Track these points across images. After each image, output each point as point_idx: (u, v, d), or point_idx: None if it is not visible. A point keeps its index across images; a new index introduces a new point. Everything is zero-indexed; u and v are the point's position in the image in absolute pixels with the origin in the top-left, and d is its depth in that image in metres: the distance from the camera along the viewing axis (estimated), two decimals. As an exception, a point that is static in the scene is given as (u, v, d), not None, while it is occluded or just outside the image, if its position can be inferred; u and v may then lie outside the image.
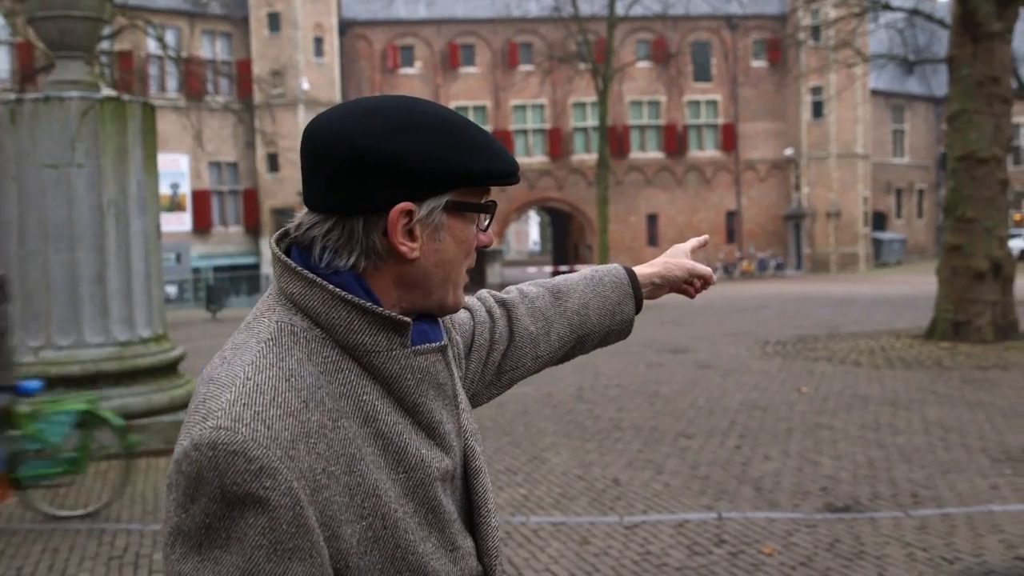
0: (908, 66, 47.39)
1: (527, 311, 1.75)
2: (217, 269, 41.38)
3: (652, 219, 50.34)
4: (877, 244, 52.95)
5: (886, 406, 10.86)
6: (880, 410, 10.64)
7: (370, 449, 1.26)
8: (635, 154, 49.83)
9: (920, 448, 8.78)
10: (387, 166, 1.25)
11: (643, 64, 48.40)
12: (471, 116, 48.49)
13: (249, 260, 45.66)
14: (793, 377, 13.28)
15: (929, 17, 22.88)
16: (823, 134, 49.73)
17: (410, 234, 1.28)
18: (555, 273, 52.45)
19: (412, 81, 48.12)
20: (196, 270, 40.56)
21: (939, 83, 55.06)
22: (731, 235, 51.41)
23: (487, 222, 1.38)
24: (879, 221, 55.58)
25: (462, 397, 1.45)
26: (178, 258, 35.68)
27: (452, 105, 48.19)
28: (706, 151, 50.70)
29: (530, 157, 49.15)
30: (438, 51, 48.33)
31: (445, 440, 1.35)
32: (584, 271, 1.86)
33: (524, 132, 49.28)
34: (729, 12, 46.75)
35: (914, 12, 23.95)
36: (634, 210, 49.89)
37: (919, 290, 29.68)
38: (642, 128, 50.00)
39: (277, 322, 1.29)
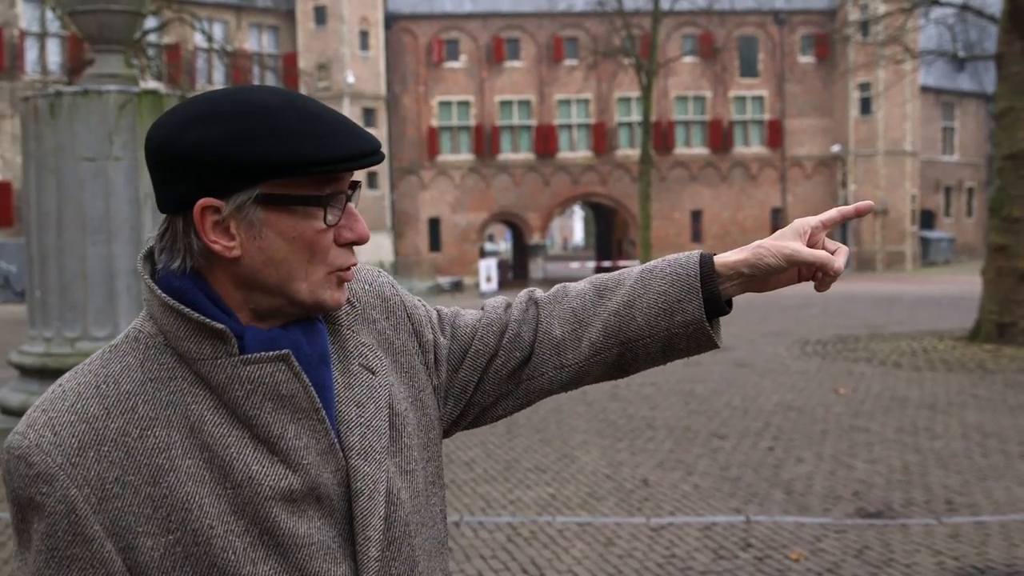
0: (959, 62, 46.71)
1: (558, 312, 1.51)
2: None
3: (696, 215, 50.05)
4: (925, 243, 52.32)
5: (925, 409, 10.70)
6: (918, 413, 10.48)
7: (191, 461, 1.20)
8: (680, 150, 49.53)
9: (957, 453, 8.63)
10: (180, 160, 1.20)
11: (688, 59, 48.10)
12: (515, 111, 48.56)
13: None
14: (831, 378, 13.13)
15: (979, 13, 22.51)
16: (871, 131, 49.16)
17: (226, 232, 1.21)
18: (598, 269, 52.40)
19: (457, 75, 48.19)
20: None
21: (991, 80, 54.09)
22: (775, 232, 50.99)
23: (330, 216, 1.24)
24: (927, 219, 54.89)
25: (357, 411, 1.31)
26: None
27: (496, 100, 48.28)
28: (751, 147, 50.30)
29: (574, 152, 49.05)
30: (483, 45, 48.32)
31: (290, 456, 1.23)
32: (652, 262, 1.53)
33: (568, 127, 49.15)
34: (776, 7, 46.31)
35: (964, 8, 23.59)
36: (678, 206, 49.62)
37: (965, 290, 29.26)
38: (687, 124, 49.68)
39: (130, 328, 1.28)
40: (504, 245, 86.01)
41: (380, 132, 46.44)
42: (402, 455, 1.35)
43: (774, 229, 45.44)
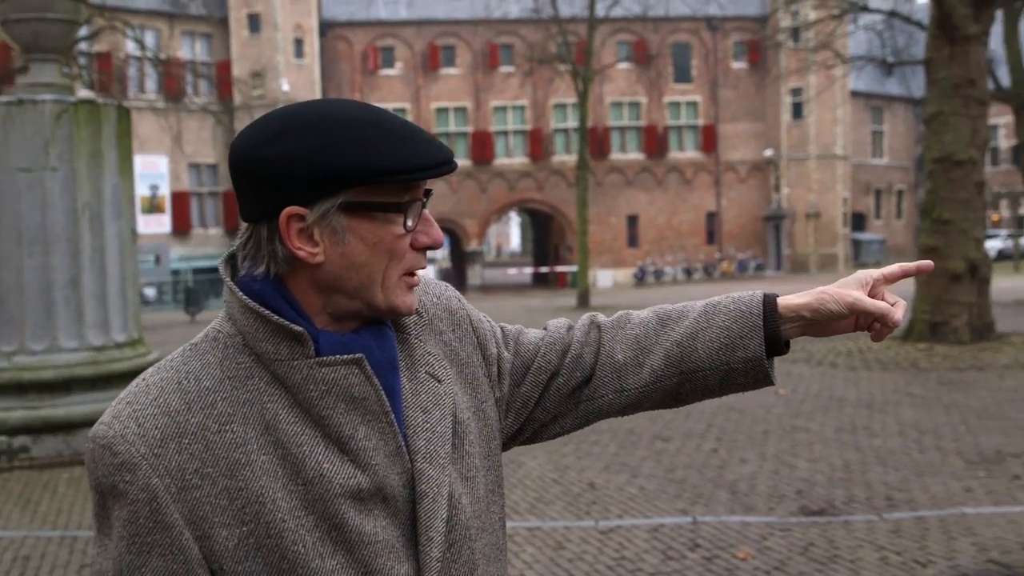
0: (887, 68, 47.57)
1: (621, 337, 1.56)
2: (196, 271, 41.16)
3: (632, 220, 50.44)
4: (856, 245, 53.22)
5: (862, 408, 10.91)
6: (856, 412, 10.68)
7: (266, 457, 1.25)
8: (615, 155, 49.90)
9: (895, 451, 8.81)
10: (266, 172, 1.26)
11: (623, 65, 48.46)
12: (451, 117, 48.60)
13: (229, 262, 45.50)
14: (771, 379, 13.29)
15: (907, 19, 23.01)
16: (803, 135, 49.93)
17: (310, 238, 1.27)
18: (536, 275, 52.58)
19: (392, 82, 48.11)
20: (175, 272, 40.38)
21: (918, 84, 55.16)
22: (711, 236, 51.55)
23: (409, 221, 1.30)
24: (858, 222, 55.84)
25: (423, 416, 1.36)
26: (157, 260, 35.48)
27: (432, 107, 48.28)
28: (686, 152, 50.82)
29: (511, 158, 49.19)
30: (419, 52, 48.31)
31: (360, 456, 1.28)
32: (716, 298, 1.59)
33: (505, 133, 49.30)
34: (709, 14, 46.83)
35: (892, 14, 24.06)
36: (614, 211, 49.96)
37: (897, 291, 29.73)
38: (622, 129, 50.07)
39: (209, 328, 1.34)
40: (440, 253, 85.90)
41: (316, 140, 46.20)
42: (463, 462, 1.40)
43: (709, 233, 45.95)
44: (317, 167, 1.24)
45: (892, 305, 1.50)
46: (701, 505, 7.29)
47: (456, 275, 50.97)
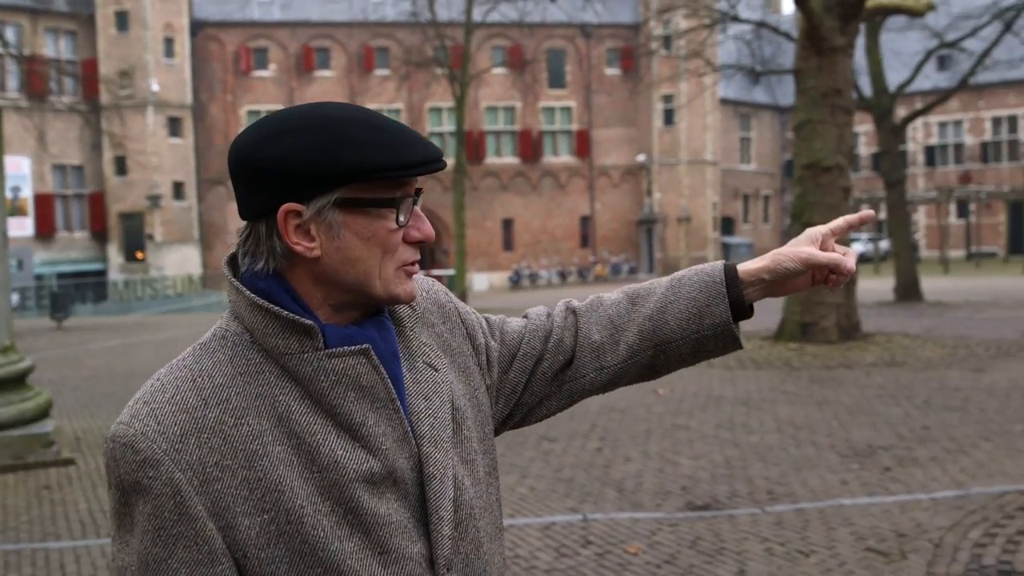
0: (754, 76, 48.89)
1: (595, 319, 1.66)
2: (61, 276, 39.94)
3: (508, 224, 50.78)
4: (725, 248, 54.54)
5: (740, 406, 11.22)
6: (734, 410, 10.98)
7: (280, 448, 1.30)
8: (491, 159, 50.19)
9: (773, 446, 9.10)
10: (264, 170, 1.32)
11: (499, 70, 48.78)
12: (326, 120, 48.11)
13: (95, 267, 44.24)
14: (650, 379, 13.55)
15: (775, 30, 23.68)
16: (674, 141, 50.98)
17: (307, 234, 1.33)
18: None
19: (266, 84, 47.47)
20: (39, 277, 39.09)
21: (783, 93, 57.06)
22: (585, 240, 52.24)
23: (401, 216, 1.35)
24: (727, 226, 57.27)
25: (425, 403, 1.42)
26: (20, 264, 34.31)
27: (307, 108, 47.71)
28: (560, 157, 51.40)
29: (386, 162, 48.95)
30: (293, 54, 47.78)
31: (371, 442, 1.34)
32: (680, 272, 1.68)
33: (380, 136, 49.03)
34: (584, 20, 47.47)
35: (761, 24, 24.78)
36: (490, 215, 50.22)
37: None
38: (497, 134, 50.40)
39: (215, 328, 1.39)
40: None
41: (187, 142, 45.29)
42: (463, 446, 1.47)
43: (583, 237, 46.45)
44: (313, 165, 1.30)
45: (843, 255, 1.58)
46: (590, 503, 7.41)
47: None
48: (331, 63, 48.46)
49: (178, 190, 45.76)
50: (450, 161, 46.75)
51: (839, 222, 1.62)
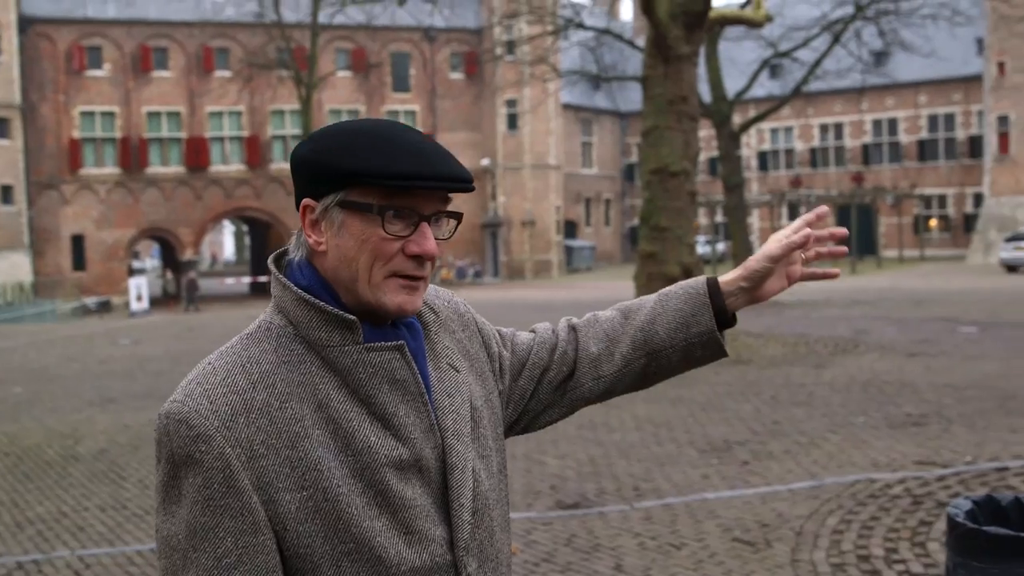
0: (596, 82, 49.87)
1: (592, 333, 1.80)
2: None
3: (353, 228, 50.33)
4: (569, 251, 55.44)
5: (599, 406, 11.39)
6: (594, 410, 11.19)
7: (319, 431, 1.41)
8: (335, 163, 49.66)
9: (635, 444, 9.35)
10: (295, 168, 1.49)
11: (344, 73, 48.38)
12: (163, 122, 47.01)
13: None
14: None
15: (619, 37, 24.21)
16: (518, 145, 51.52)
17: (318, 229, 1.46)
18: (254, 284, 51.49)
19: (100, 84, 45.95)
20: None
21: (624, 99, 58.40)
22: (431, 244, 52.19)
23: (389, 225, 1.43)
24: (570, 229, 58.20)
25: (448, 400, 1.53)
26: None
27: (144, 110, 46.51)
28: (405, 161, 51.25)
29: (228, 165, 48.06)
30: (128, 53, 46.37)
31: (401, 431, 1.45)
32: (666, 288, 1.82)
33: (221, 139, 48.10)
34: (428, 24, 47.54)
35: (605, 32, 25.31)
36: (335, 219, 49.70)
37: (610, 295, 31.31)
38: (342, 137, 49.94)
39: (260, 320, 1.50)
40: (151, 262, 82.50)
41: (15, 143, 43.45)
42: (479, 442, 1.59)
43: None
44: (325, 165, 1.43)
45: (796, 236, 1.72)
46: (463, 504, 7.47)
47: (188, 286, 49.10)
48: (169, 63, 47.20)
49: (6, 194, 43.86)
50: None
51: (797, 222, 1.75)
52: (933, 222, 56.22)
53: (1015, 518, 3.33)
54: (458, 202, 1.56)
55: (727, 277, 1.76)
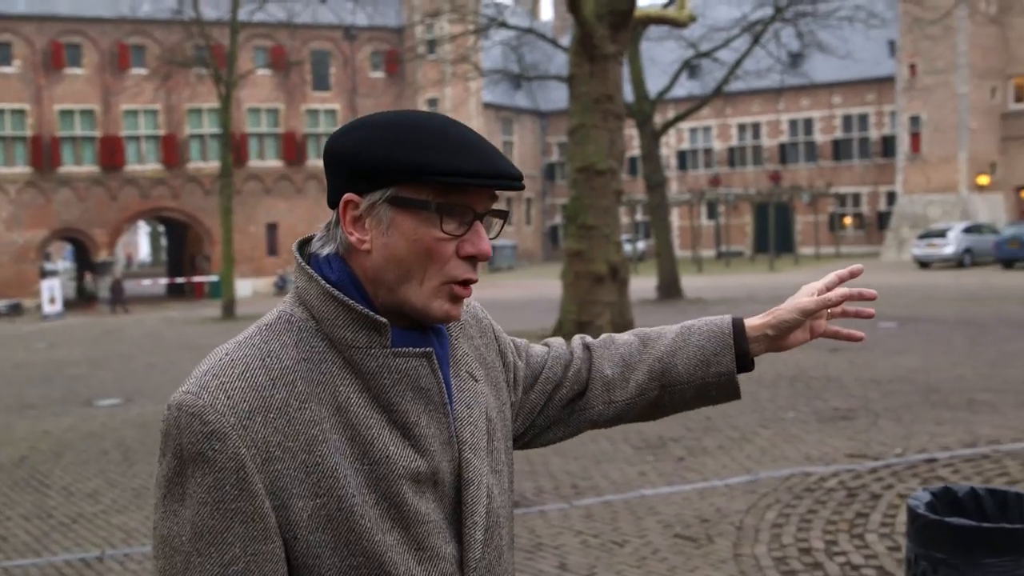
0: (516, 81, 49.97)
1: (608, 355, 1.74)
2: None
3: (272, 228, 49.80)
4: (492, 249, 55.30)
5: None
6: (526, 408, 11.18)
7: (337, 436, 1.33)
8: (254, 162, 49.12)
9: (570, 442, 9.29)
10: (335, 160, 1.38)
11: (263, 71, 47.80)
12: (76, 121, 45.98)
13: None
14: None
15: (543, 36, 24.26)
16: (439, 145, 51.33)
17: (362, 226, 1.37)
18: (171, 286, 50.67)
19: (10, 81, 44.77)
20: None
21: (544, 98, 58.57)
22: (352, 243, 51.84)
23: (447, 224, 1.35)
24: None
25: (467, 411, 1.46)
26: None
27: (56, 108, 45.47)
28: (325, 159, 50.83)
29: (143, 164, 47.19)
30: (40, 50, 45.22)
31: (420, 442, 1.38)
32: (690, 321, 1.76)
33: (136, 138, 47.19)
34: (349, 23, 47.17)
35: (528, 31, 25.33)
36: (253, 220, 49.12)
37: (534, 293, 31.45)
38: (261, 136, 49.37)
39: (279, 311, 1.41)
40: (63, 264, 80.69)
41: (-79, 142, 42.16)
42: (493, 456, 1.51)
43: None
44: (372, 158, 1.34)
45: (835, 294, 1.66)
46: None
47: (113, 288, 48.06)
48: (83, 60, 46.13)
49: (-89, 194, 42.57)
50: (210, 164, 45.59)
51: (831, 277, 1.70)
52: (848, 220, 57.35)
53: (971, 508, 3.37)
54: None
55: (753, 322, 1.71)
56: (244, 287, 46.71)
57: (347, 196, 1.36)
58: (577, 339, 1.79)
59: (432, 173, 1.31)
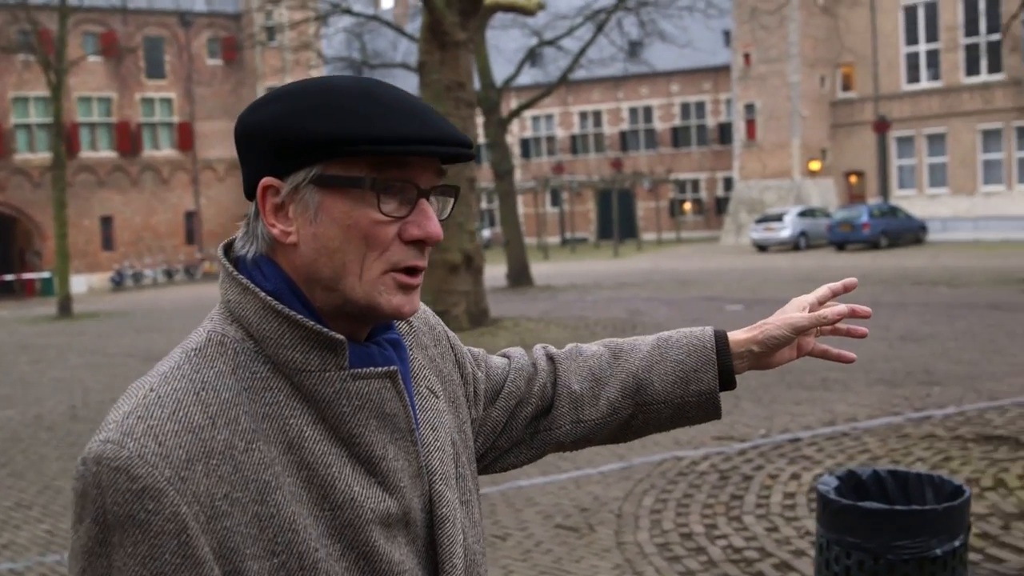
0: (360, 69, 49.44)
1: (575, 368, 1.53)
2: None
3: (107, 222, 48.06)
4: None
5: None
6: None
7: (291, 479, 1.10)
8: (86, 153, 47.24)
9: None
10: (247, 139, 1.16)
11: (95, 59, 45.96)
12: None
13: None
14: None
15: (388, 23, 24.00)
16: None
17: (286, 215, 1.15)
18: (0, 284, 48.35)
19: None
20: None
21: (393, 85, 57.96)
22: (191, 236, 50.48)
23: (385, 204, 1.13)
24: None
25: (433, 435, 1.25)
26: None
27: None
28: (162, 150, 49.38)
29: (-35, 156, 44.82)
30: None
31: (389, 478, 1.16)
32: (666, 332, 1.57)
33: (-43, 129, 44.79)
34: (185, 8, 45.79)
35: (373, 18, 25.02)
36: (87, 213, 47.27)
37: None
38: (92, 126, 47.52)
39: (208, 331, 1.16)
40: None
41: None
42: (461, 484, 1.30)
43: (188, 232, 44.70)
44: (289, 132, 1.12)
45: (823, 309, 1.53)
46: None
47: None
48: None
49: None
50: (38, 156, 43.63)
51: (823, 290, 1.56)
52: (687, 205, 58.74)
53: (876, 491, 3.40)
54: (219, 194, 1.23)
55: (737, 336, 1.52)
56: (79, 283, 44.88)
57: (265, 181, 1.14)
58: (539, 349, 1.58)
59: (363, 142, 1.10)
